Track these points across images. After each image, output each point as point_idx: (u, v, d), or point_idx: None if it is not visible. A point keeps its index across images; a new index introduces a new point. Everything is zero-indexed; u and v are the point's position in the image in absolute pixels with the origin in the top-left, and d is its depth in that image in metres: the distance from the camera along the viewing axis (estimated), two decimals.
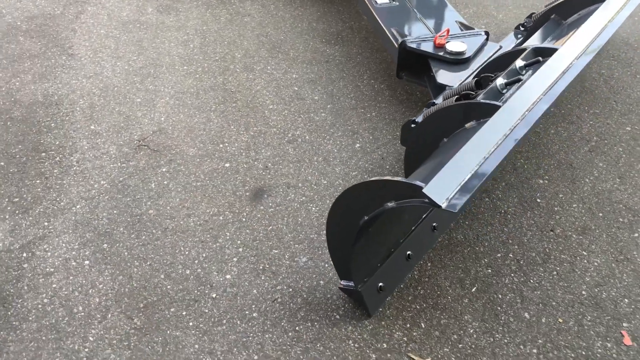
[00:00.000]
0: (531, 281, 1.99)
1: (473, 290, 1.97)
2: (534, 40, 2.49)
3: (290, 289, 1.99)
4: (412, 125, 2.18)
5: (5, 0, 3.96)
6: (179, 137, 2.70)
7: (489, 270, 2.04)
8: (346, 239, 1.71)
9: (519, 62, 1.99)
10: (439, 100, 2.20)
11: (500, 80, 1.91)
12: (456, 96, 2.02)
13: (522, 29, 2.83)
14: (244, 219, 2.26)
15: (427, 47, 2.61)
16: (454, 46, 2.56)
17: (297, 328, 1.87)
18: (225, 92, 3.02)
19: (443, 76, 2.50)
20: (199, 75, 3.16)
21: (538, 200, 2.31)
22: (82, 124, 2.79)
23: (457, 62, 2.54)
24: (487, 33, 2.69)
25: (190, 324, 1.89)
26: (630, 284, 1.97)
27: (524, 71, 1.98)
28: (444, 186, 1.43)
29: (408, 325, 1.87)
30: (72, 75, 3.17)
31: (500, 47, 2.64)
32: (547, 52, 1.97)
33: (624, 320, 1.86)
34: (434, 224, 2.09)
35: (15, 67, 3.23)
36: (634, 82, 3.00)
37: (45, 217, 2.28)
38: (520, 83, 1.88)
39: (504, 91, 1.90)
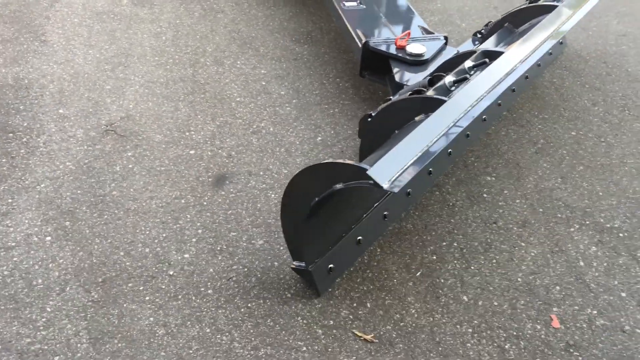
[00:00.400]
0: (472, 268, 2.13)
1: (418, 274, 2.10)
2: (487, 45, 2.64)
3: (246, 269, 2.09)
4: (369, 119, 2.29)
5: None
6: (146, 124, 2.78)
7: (434, 257, 2.16)
8: (298, 219, 1.82)
9: (468, 63, 2.14)
10: (396, 97, 2.33)
11: (449, 78, 2.04)
12: (409, 92, 2.14)
13: (479, 35, 2.98)
14: (205, 203, 2.35)
15: (389, 48, 2.74)
16: (414, 48, 2.70)
17: (249, 305, 1.96)
18: (194, 83, 3.10)
19: (402, 76, 2.63)
20: (170, 66, 3.24)
21: (484, 195, 2.46)
22: (51, 108, 2.85)
23: (416, 63, 2.68)
24: (446, 38, 2.84)
25: (147, 298, 1.97)
26: (562, 273, 2.12)
27: (472, 71, 2.12)
28: (387, 169, 1.55)
29: (355, 305, 1.98)
30: (44, 60, 3.22)
31: (458, 52, 2.79)
32: (494, 55, 2.12)
33: (554, 305, 2.00)
34: (385, 213, 2.21)
35: None
36: (583, 91, 3.18)
37: (9, 195, 2.33)
38: (466, 81, 2.02)
39: (452, 88, 2.03)
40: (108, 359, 1.77)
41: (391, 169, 1.55)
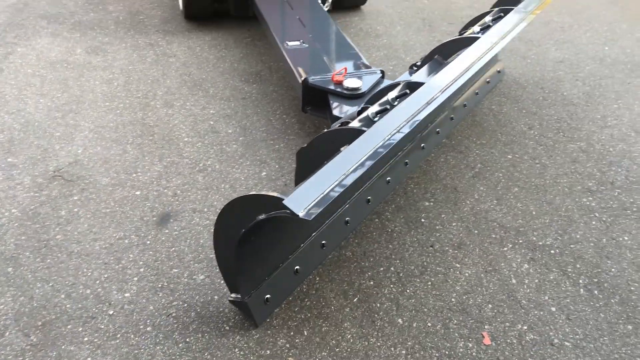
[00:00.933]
0: (407, 291, 2.18)
1: (355, 300, 2.15)
2: (417, 76, 2.77)
3: (186, 304, 2.12)
4: (303, 152, 2.37)
5: None
6: (94, 167, 2.83)
7: (371, 282, 2.22)
8: (230, 252, 1.87)
9: (392, 94, 2.24)
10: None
11: (372, 109, 2.14)
12: (339, 124, 2.24)
13: (414, 68, 3.11)
14: (148, 242, 2.39)
15: (327, 83, 2.86)
16: (350, 83, 2.81)
17: (187, 339, 1.99)
18: (143, 126, 3.18)
19: (340, 109, 2.73)
20: (120, 111, 3.32)
21: (422, 220, 2.53)
22: (0, 157, 2.89)
23: (353, 97, 2.79)
24: (382, 72, 2.96)
25: (85, 339, 1.98)
26: (495, 292, 2.19)
27: (396, 102, 2.23)
28: (303, 199, 1.62)
29: (292, 333, 2.02)
30: None
31: None
32: (415, 86, 2.23)
33: (486, 323, 2.06)
34: (323, 242, 2.27)
35: None
36: (520, 116, 3.32)
37: None
38: (387, 112, 2.12)
39: (375, 119, 2.13)
40: None
41: (306, 198, 1.62)
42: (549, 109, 3.40)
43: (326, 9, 4.11)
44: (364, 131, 1.94)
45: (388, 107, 2.14)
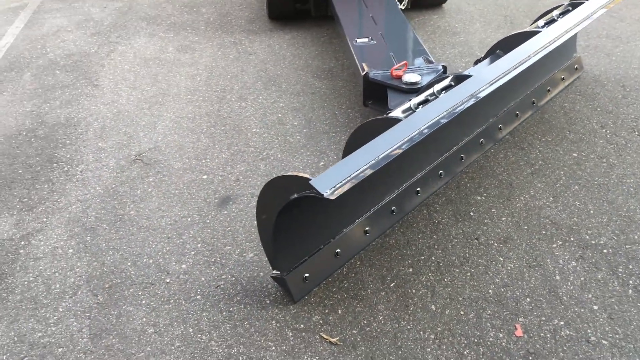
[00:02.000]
0: (445, 280, 2.21)
1: (392, 285, 2.21)
2: (472, 71, 2.75)
3: (233, 278, 2.30)
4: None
5: (51, 41, 4.60)
6: (170, 153, 3.10)
7: (410, 270, 2.27)
8: (269, 229, 2.01)
9: (438, 86, 2.28)
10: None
11: (415, 100, 2.20)
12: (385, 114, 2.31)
13: (479, 63, 3.09)
14: (208, 221, 2.60)
15: (386, 78, 2.93)
16: (409, 77, 2.86)
17: (231, 309, 2.16)
18: (218, 117, 3.42)
19: (398, 103, 2.79)
20: (199, 103, 3.59)
21: (471, 213, 2.54)
22: (92, 142, 3.25)
23: (412, 91, 2.84)
24: (444, 67, 2.98)
25: (143, 302, 2.22)
26: (535, 286, 2.16)
27: (441, 93, 2.26)
28: (330, 180, 1.73)
29: (327, 311, 2.12)
30: (93, 102, 3.68)
31: None
32: (463, 79, 2.25)
33: (521, 315, 2.05)
34: (367, 228, 2.35)
35: (48, 95, 3.78)
36: (593, 114, 3.18)
37: (45, 215, 2.70)
38: (427, 103, 2.16)
39: (417, 109, 2.18)
40: (102, 351, 2.03)
41: (333, 180, 1.72)
42: (627, 108, 3.23)
43: (402, 7, 4.17)
44: (399, 120, 2.00)
45: (430, 98, 2.18)
